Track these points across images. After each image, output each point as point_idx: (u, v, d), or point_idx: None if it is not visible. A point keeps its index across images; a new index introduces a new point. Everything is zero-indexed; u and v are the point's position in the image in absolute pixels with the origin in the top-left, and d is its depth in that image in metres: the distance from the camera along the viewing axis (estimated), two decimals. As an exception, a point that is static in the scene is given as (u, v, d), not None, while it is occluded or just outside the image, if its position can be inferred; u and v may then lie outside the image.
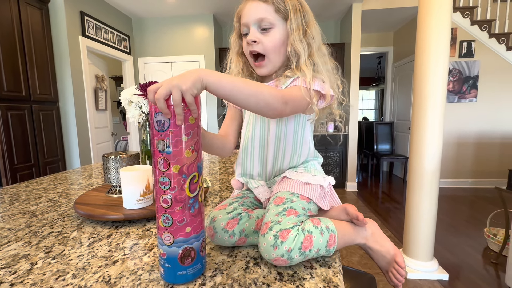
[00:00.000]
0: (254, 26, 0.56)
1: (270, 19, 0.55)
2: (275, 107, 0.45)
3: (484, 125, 3.53)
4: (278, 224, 0.43)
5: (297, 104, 0.50)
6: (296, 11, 0.55)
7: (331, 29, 3.94)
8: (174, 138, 0.36)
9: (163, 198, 0.38)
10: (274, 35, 0.55)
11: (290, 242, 0.41)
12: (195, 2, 3.13)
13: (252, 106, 0.44)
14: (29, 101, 2.18)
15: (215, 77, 0.39)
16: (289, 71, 0.57)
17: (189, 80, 0.36)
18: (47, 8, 2.39)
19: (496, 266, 1.79)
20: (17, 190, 0.91)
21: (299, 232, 0.43)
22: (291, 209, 0.47)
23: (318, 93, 0.54)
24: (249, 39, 0.56)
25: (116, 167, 0.72)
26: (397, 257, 0.54)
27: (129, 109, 0.82)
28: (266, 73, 0.59)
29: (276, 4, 0.54)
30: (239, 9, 0.59)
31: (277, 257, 0.41)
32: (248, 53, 0.58)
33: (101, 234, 0.57)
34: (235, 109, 0.67)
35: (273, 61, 0.57)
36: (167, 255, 0.39)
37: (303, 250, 0.42)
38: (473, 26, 3.34)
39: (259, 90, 0.44)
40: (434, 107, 1.55)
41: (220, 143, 0.59)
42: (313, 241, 0.43)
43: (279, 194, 0.52)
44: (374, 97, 7.88)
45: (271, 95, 0.44)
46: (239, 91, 0.41)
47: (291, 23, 0.55)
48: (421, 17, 1.58)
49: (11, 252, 0.50)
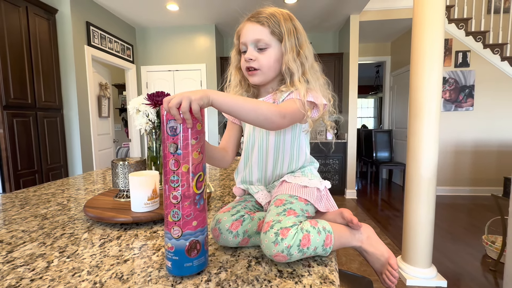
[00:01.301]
0: (252, 45, 0.62)
1: (266, 40, 0.60)
2: (273, 121, 0.51)
3: (480, 133, 3.58)
4: (278, 223, 0.47)
5: (294, 116, 0.56)
6: (290, 33, 0.61)
7: (330, 40, 4.04)
8: (184, 142, 0.42)
9: (173, 195, 0.43)
10: (269, 54, 0.61)
11: (289, 239, 0.45)
12: (197, 12, 3.22)
13: (252, 120, 0.49)
14: (35, 108, 2.23)
15: (219, 96, 0.46)
16: (284, 87, 0.62)
17: (198, 94, 0.42)
18: (54, 18, 2.47)
19: (494, 273, 1.81)
20: (26, 195, 0.95)
21: (298, 230, 0.46)
22: (291, 210, 0.51)
23: (312, 104, 0.59)
24: (246, 57, 0.62)
25: (124, 172, 0.75)
26: (391, 259, 0.57)
27: (136, 117, 0.86)
28: (258, 82, 0.64)
29: (271, 27, 0.60)
30: (239, 28, 0.65)
31: (278, 253, 0.44)
32: (245, 68, 0.64)
33: (111, 236, 0.60)
34: (234, 125, 0.72)
35: (266, 74, 0.63)
36: (175, 248, 0.43)
37: (301, 247, 0.45)
38: (467, 37, 3.44)
39: (258, 106, 0.49)
40: (429, 115, 1.60)
41: (220, 156, 0.65)
42: (311, 239, 0.47)
43: (279, 196, 0.56)
44: (373, 105, 7.97)
45: (269, 111, 0.50)
46: (240, 107, 0.47)
47: (285, 44, 0.60)
48: (416, 28, 1.65)
49: (28, 252, 0.53)
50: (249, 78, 0.64)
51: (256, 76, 0.63)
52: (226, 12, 3.19)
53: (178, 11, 3.16)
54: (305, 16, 3.36)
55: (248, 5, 2.39)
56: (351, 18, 3.37)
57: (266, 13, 0.61)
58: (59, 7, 2.48)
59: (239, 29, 0.65)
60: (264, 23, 0.60)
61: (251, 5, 0.63)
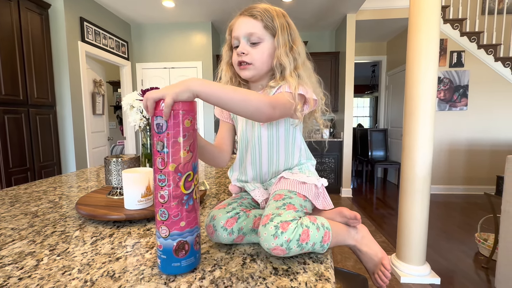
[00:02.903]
0: (244, 39, 0.61)
1: (259, 34, 0.60)
2: (264, 111, 0.49)
3: (474, 132, 3.62)
4: (278, 216, 0.47)
5: (285, 107, 0.55)
6: (284, 28, 0.61)
7: (326, 38, 4.05)
8: (171, 139, 0.40)
9: (160, 194, 0.41)
10: (262, 48, 0.60)
11: (289, 233, 0.44)
12: (193, 9, 3.19)
13: (242, 111, 0.48)
14: (27, 105, 2.19)
15: (205, 86, 0.43)
16: (273, 81, 0.61)
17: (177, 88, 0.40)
18: (47, 13, 2.42)
19: (486, 270, 1.83)
20: (17, 192, 0.93)
21: (298, 225, 0.46)
22: (290, 205, 0.51)
23: (302, 97, 0.59)
24: (239, 51, 0.61)
25: (118, 169, 0.74)
26: (384, 260, 0.58)
27: (130, 113, 0.84)
28: (250, 77, 0.63)
29: (265, 22, 0.59)
30: (232, 23, 0.64)
31: (277, 246, 0.44)
32: (237, 63, 0.62)
33: (103, 233, 0.59)
34: (225, 123, 0.71)
35: (258, 69, 0.62)
36: (163, 247, 0.42)
37: (300, 242, 0.45)
38: (462, 37, 3.47)
39: (248, 97, 0.48)
40: (424, 114, 1.61)
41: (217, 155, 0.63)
42: (310, 235, 0.46)
43: (278, 192, 0.56)
44: (369, 105, 8.01)
45: (259, 101, 0.49)
46: (229, 98, 0.46)
47: (278, 39, 0.60)
48: (411, 28, 1.65)
49: (17, 250, 0.51)
50: (241, 72, 0.63)
51: (248, 70, 0.62)
52: (223, 9, 3.17)
53: (174, 8, 3.13)
54: (302, 15, 3.36)
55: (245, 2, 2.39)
56: (347, 17, 3.38)
57: (260, 8, 0.61)
58: (52, 2, 2.43)
59: (232, 23, 0.64)
60: (258, 17, 0.59)
61: (247, 2, 0.62)
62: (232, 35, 0.63)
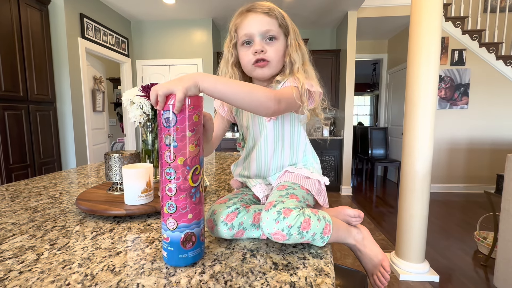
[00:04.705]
0: (259, 36, 0.60)
1: (275, 31, 0.60)
2: (269, 106, 0.49)
3: (475, 131, 3.62)
4: (281, 203, 0.48)
5: (290, 102, 0.55)
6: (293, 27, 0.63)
7: (327, 36, 4.03)
8: (180, 134, 0.41)
9: (168, 187, 0.42)
10: (278, 46, 0.61)
11: (291, 219, 0.45)
12: (194, 6, 3.17)
13: (246, 105, 0.48)
14: (26, 101, 2.18)
15: (210, 81, 0.44)
16: (279, 76, 0.62)
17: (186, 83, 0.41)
18: (47, 9, 2.41)
19: (485, 268, 1.84)
20: (17, 188, 0.93)
21: (300, 213, 0.46)
22: (293, 195, 0.52)
23: (308, 92, 0.59)
24: (257, 49, 0.59)
25: (118, 165, 0.74)
26: (384, 261, 0.59)
27: (130, 109, 0.84)
28: (267, 75, 0.63)
29: (280, 20, 0.60)
30: (238, 20, 0.62)
31: (278, 231, 0.44)
32: (253, 61, 0.61)
33: (104, 229, 0.59)
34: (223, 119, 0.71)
35: (275, 67, 0.62)
36: (171, 239, 0.42)
37: (301, 230, 0.45)
38: (464, 35, 3.45)
39: (253, 91, 0.48)
40: (425, 112, 1.61)
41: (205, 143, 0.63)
42: (311, 224, 0.46)
43: (282, 183, 0.57)
44: (369, 103, 7.99)
45: (264, 95, 0.48)
46: (234, 93, 0.46)
47: (290, 37, 0.62)
48: (413, 26, 1.64)
49: (17, 244, 0.51)
50: (257, 71, 0.62)
51: (267, 68, 0.61)
52: (223, 6, 3.15)
53: (174, 4, 3.12)
54: (303, 12, 3.34)
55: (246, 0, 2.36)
56: (348, 14, 3.36)
57: (270, 6, 0.61)
58: (52, -2, 2.42)
59: (239, 21, 0.62)
60: (272, 15, 0.60)
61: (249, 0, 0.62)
62: (243, 33, 0.61)
